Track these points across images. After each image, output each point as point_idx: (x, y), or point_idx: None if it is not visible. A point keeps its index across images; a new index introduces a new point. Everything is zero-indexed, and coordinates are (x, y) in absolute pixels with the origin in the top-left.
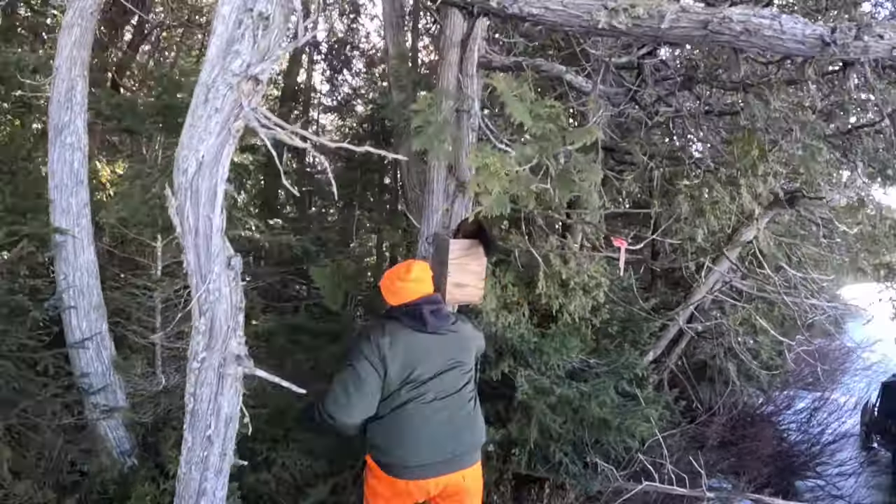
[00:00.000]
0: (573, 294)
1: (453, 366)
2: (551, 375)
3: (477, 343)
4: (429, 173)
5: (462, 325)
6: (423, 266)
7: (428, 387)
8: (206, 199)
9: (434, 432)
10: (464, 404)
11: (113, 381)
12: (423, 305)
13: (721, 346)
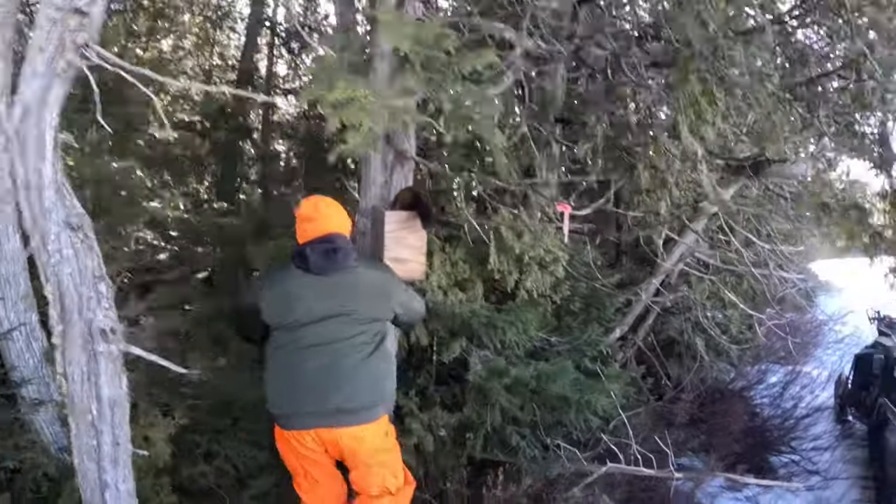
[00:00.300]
0: (529, 269)
1: (340, 312)
2: (509, 355)
3: (388, 294)
4: None
5: (365, 271)
6: (325, 203)
7: (305, 332)
8: (35, 149)
9: (308, 381)
10: (350, 355)
11: (45, 373)
12: (314, 245)
13: (689, 321)
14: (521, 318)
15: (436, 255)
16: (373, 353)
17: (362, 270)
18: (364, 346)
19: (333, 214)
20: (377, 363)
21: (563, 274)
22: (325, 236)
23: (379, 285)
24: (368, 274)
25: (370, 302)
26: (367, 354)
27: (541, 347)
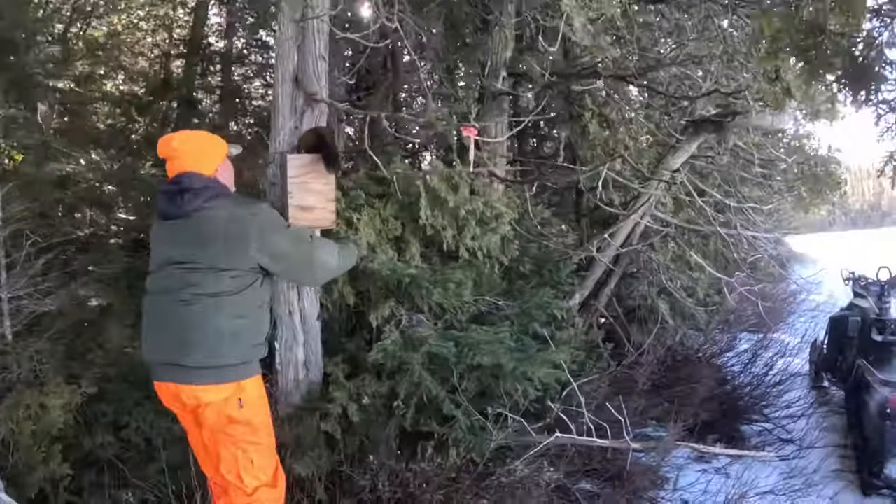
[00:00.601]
0: (467, 226)
1: (182, 260)
2: (449, 320)
3: (245, 240)
4: (275, 88)
5: (218, 214)
6: (182, 139)
7: (155, 279)
8: None
9: (153, 329)
10: (190, 307)
11: None
12: (164, 187)
13: (652, 285)
14: (452, 278)
15: (364, 209)
16: (218, 307)
17: (215, 213)
18: (206, 299)
19: (190, 151)
20: (224, 319)
21: (510, 233)
22: (175, 177)
23: (234, 231)
24: (220, 217)
25: (217, 249)
26: (210, 308)
27: (487, 311)
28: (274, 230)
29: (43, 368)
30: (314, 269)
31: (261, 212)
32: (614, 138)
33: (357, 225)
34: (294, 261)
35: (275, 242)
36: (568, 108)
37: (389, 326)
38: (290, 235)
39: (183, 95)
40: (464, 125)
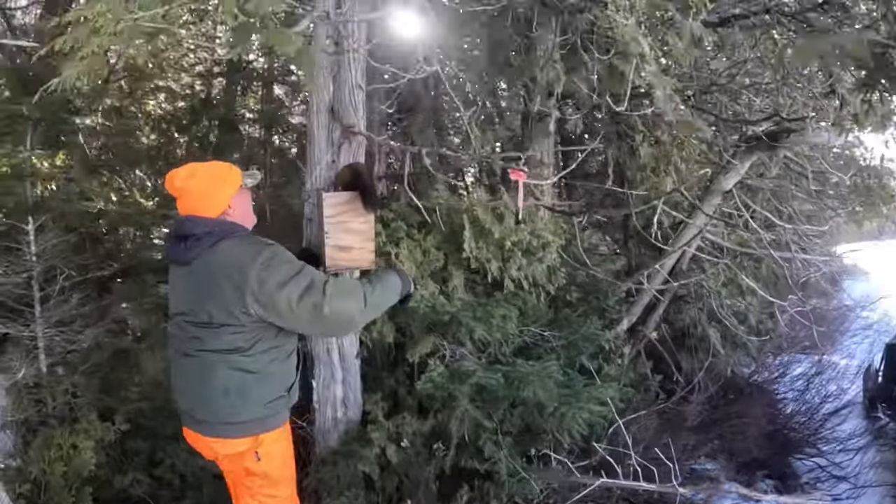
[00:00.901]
0: (512, 257)
1: (183, 311)
2: (493, 353)
3: (240, 289)
4: (309, 118)
5: (216, 260)
6: (185, 174)
7: (171, 328)
8: None
9: (174, 377)
10: (195, 360)
11: None
12: (173, 228)
13: (703, 310)
14: (496, 313)
15: (404, 242)
16: (221, 364)
17: (215, 261)
18: (209, 356)
19: (194, 190)
20: (227, 378)
21: (556, 261)
22: (179, 220)
23: (232, 282)
24: (220, 266)
25: (215, 303)
26: (213, 365)
27: (533, 343)
28: (275, 281)
29: (77, 402)
30: (327, 324)
31: (263, 258)
32: (666, 161)
33: (397, 260)
34: (302, 316)
35: (275, 296)
36: (615, 127)
37: (434, 360)
38: (295, 286)
39: (222, 115)
40: (512, 168)
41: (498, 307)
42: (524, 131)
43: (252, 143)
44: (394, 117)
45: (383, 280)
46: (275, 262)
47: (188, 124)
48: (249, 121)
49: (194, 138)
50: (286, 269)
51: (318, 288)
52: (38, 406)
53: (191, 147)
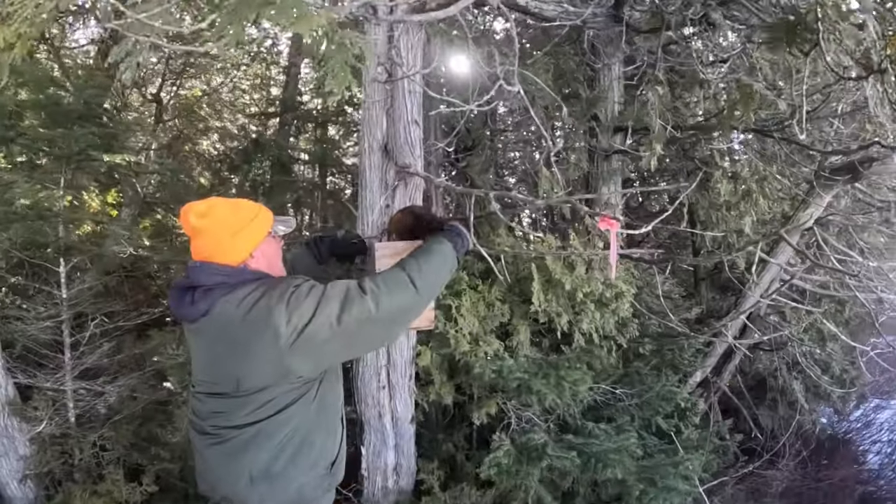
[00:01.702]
0: (584, 310)
1: (203, 378)
2: (562, 415)
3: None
4: (361, 158)
5: (229, 310)
6: (200, 211)
7: (196, 409)
8: None
9: (194, 450)
10: (211, 441)
11: (9, 423)
12: (179, 278)
13: (783, 359)
14: (567, 377)
15: (466, 294)
16: (244, 444)
17: (228, 311)
18: (230, 433)
19: (212, 232)
20: (253, 457)
21: (629, 311)
22: (192, 265)
23: (250, 329)
24: (234, 315)
25: (233, 362)
26: (233, 446)
27: (604, 402)
28: (306, 313)
29: (105, 456)
30: (385, 328)
31: (287, 295)
32: (749, 199)
33: (458, 314)
34: (352, 332)
35: (312, 330)
36: (687, 163)
37: (498, 434)
38: (329, 305)
39: (275, 155)
40: (602, 215)
41: (571, 370)
42: (591, 170)
43: (305, 185)
44: (452, 157)
45: (428, 252)
46: (298, 293)
47: (240, 164)
48: (303, 162)
49: (246, 179)
50: (313, 294)
51: (355, 293)
52: (64, 458)
53: (242, 187)
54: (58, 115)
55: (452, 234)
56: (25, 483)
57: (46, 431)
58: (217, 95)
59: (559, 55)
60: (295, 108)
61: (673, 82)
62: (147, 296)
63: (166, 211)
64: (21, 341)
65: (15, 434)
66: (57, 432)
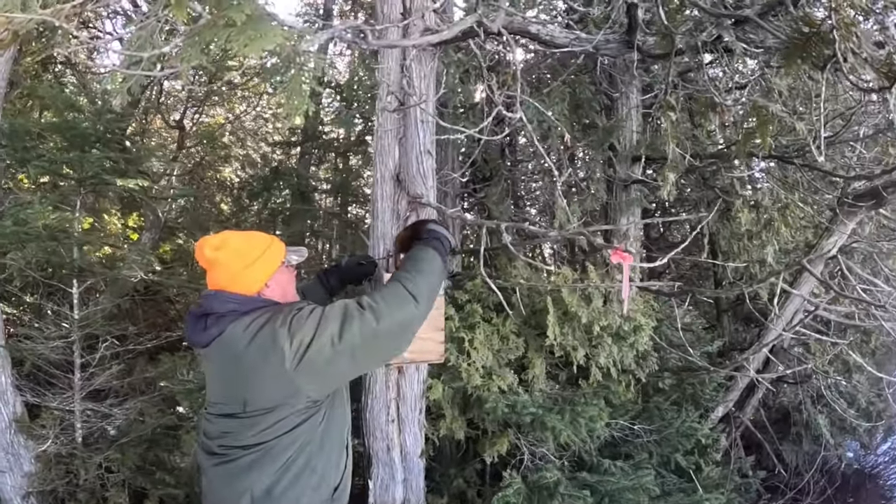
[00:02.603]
0: (601, 343)
1: (215, 400)
2: (578, 451)
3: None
4: (374, 189)
5: (237, 332)
6: (216, 244)
7: (206, 430)
8: None
9: (204, 481)
10: (220, 461)
11: (15, 440)
12: (194, 306)
13: (808, 392)
14: (584, 414)
15: (479, 327)
16: (251, 463)
17: (236, 333)
18: (237, 452)
19: (226, 264)
20: (255, 477)
21: (648, 344)
22: (207, 294)
23: (258, 350)
24: (242, 337)
25: (242, 383)
26: (239, 465)
27: (622, 438)
28: (308, 333)
29: (110, 478)
30: (389, 341)
31: (290, 317)
32: (771, 228)
33: (471, 347)
34: (355, 348)
35: (315, 349)
36: (707, 193)
37: (510, 470)
38: (328, 324)
39: (295, 184)
40: (615, 248)
41: (587, 405)
42: (610, 201)
43: (325, 214)
44: (469, 187)
45: (415, 260)
46: (300, 316)
47: (260, 192)
48: (322, 191)
49: (266, 206)
50: (313, 316)
51: (353, 310)
52: (68, 477)
53: (262, 215)
54: (76, 139)
55: (433, 241)
56: (29, 500)
57: (52, 450)
58: (240, 123)
59: (576, 84)
60: (316, 138)
61: (692, 110)
62: (165, 320)
63: (187, 236)
64: (31, 359)
65: (21, 451)
66: (63, 451)
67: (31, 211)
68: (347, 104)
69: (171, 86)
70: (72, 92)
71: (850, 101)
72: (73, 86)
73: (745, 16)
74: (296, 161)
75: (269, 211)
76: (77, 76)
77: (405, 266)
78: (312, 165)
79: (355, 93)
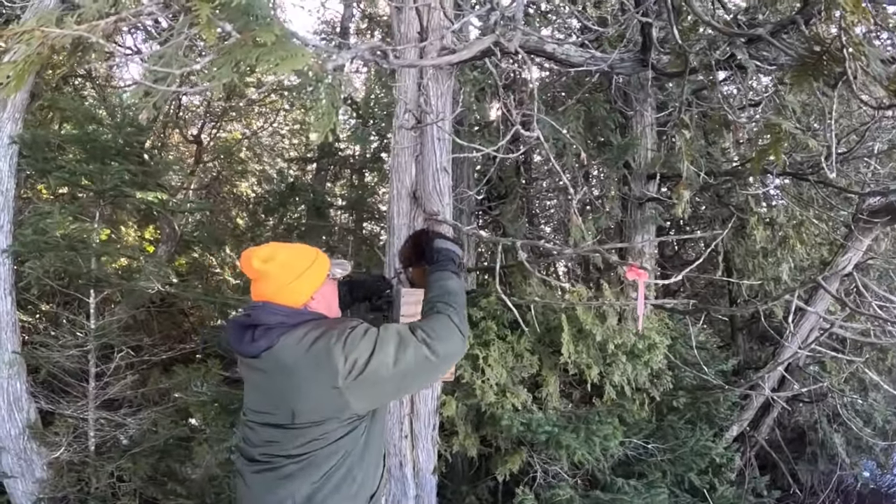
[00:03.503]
0: (615, 361)
1: (258, 409)
2: (591, 469)
3: (323, 370)
4: (390, 206)
5: (289, 347)
6: (264, 255)
7: (241, 425)
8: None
9: (242, 489)
10: (262, 468)
11: (28, 446)
12: (239, 315)
13: (823, 410)
14: (598, 433)
15: (494, 344)
16: (298, 471)
17: (288, 347)
18: (282, 461)
19: (275, 276)
20: (297, 485)
21: (662, 362)
22: (251, 305)
23: (311, 364)
24: (294, 351)
25: (293, 395)
26: (287, 473)
27: (635, 457)
28: (364, 353)
29: (122, 486)
30: (439, 369)
31: (345, 335)
32: (786, 245)
33: (485, 364)
34: (408, 373)
35: (371, 369)
36: (722, 210)
37: (522, 487)
38: (385, 348)
39: (311, 200)
40: (630, 265)
41: (601, 424)
42: (624, 219)
43: (340, 230)
44: (484, 205)
45: (452, 293)
46: (354, 335)
47: (276, 207)
48: (338, 207)
49: (281, 222)
50: (368, 336)
51: (408, 338)
52: (80, 485)
53: (277, 230)
54: (96, 151)
55: (448, 263)
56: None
57: (65, 457)
58: (256, 139)
59: (591, 102)
60: (332, 154)
61: (706, 128)
62: (179, 332)
63: (202, 250)
64: (46, 367)
65: (33, 457)
66: (75, 459)
67: (51, 220)
68: (364, 121)
69: (189, 101)
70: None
71: (865, 116)
72: (93, 98)
73: (757, 34)
74: (312, 177)
75: (285, 226)
76: (97, 89)
77: (442, 298)
78: (328, 181)
79: (372, 110)
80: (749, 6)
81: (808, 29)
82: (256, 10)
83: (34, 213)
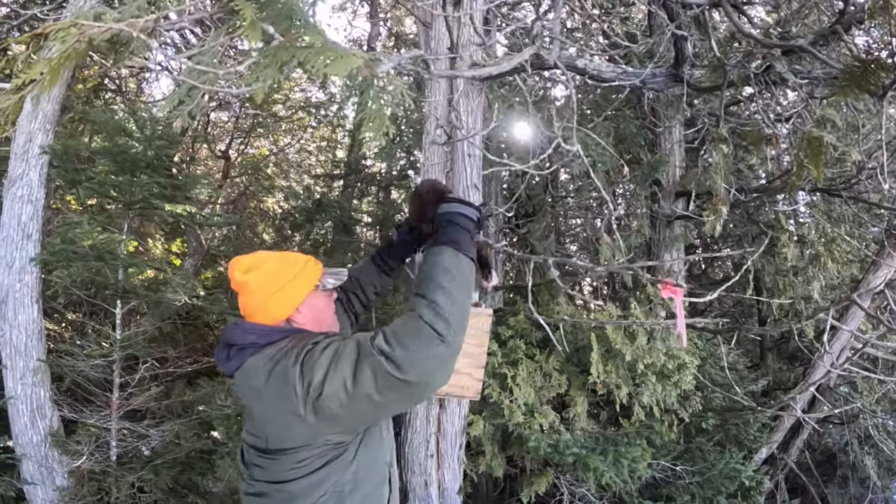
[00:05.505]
0: (644, 381)
1: (252, 432)
2: (618, 492)
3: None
4: None
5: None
6: (245, 266)
7: (243, 456)
8: None
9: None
10: (250, 495)
11: (49, 454)
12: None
13: (854, 432)
14: (626, 454)
15: (522, 363)
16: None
17: (255, 366)
18: (264, 487)
19: (254, 290)
20: None
21: (692, 383)
22: (231, 325)
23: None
24: (260, 373)
25: (261, 420)
26: (261, 496)
27: (663, 479)
28: (320, 374)
29: (142, 498)
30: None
31: (305, 353)
32: (817, 263)
33: (513, 384)
34: (372, 393)
35: (329, 393)
36: (751, 228)
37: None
38: (339, 365)
39: (338, 216)
40: (664, 281)
41: (630, 446)
42: (653, 237)
43: (367, 246)
44: (512, 223)
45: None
46: (312, 353)
47: (302, 223)
48: (364, 223)
49: (308, 238)
50: (326, 355)
51: (368, 352)
52: (100, 495)
53: (304, 245)
54: (126, 163)
55: (449, 229)
56: None
57: (86, 466)
58: (284, 155)
59: (619, 119)
60: (359, 171)
61: (736, 144)
62: (204, 345)
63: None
64: (71, 376)
65: (54, 465)
66: (96, 468)
67: (79, 231)
68: (391, 138)
69: (218, 117)
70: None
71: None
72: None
73: (798, 45)
74: (338, 193)
75: (311, 242)
76: (127, 103)
77: (424, 289)
78: (355, 198)
79: (399, 127)
80: (780, 20)
81: (848, 36)
82: (299, 15)
83: (63, 223)
